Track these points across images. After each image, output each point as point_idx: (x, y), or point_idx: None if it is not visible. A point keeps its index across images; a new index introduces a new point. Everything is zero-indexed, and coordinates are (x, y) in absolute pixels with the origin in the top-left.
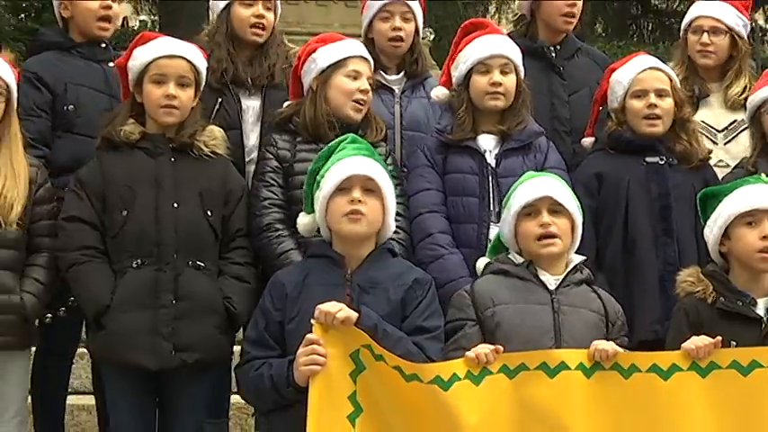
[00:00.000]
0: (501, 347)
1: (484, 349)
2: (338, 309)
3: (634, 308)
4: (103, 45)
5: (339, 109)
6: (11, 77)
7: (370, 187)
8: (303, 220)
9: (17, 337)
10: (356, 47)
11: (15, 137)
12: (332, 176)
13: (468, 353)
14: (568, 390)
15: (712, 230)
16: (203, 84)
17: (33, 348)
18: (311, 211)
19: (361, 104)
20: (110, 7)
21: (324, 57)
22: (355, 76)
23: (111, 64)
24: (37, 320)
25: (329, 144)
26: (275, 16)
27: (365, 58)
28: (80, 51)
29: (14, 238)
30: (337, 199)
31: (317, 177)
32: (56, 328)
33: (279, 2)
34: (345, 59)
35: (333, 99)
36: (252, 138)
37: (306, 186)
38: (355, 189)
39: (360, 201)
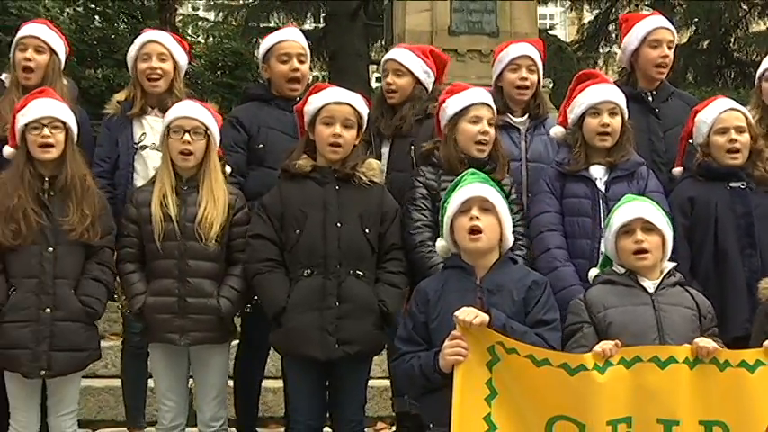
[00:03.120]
0: (620, 342)
1: (608, 344)
2: (473, 315)
3: (727, 309)
4: (297, 99)
5: (466, 149)
6: (210, 120)
7: (487, 207)
8: (439, 244)
9: (216, 332)
10: (477, 95)
11: (215, 169)
12: (454, 200)
13: (595, 348)
14: (676, 378)
15: None
16: (365, 126)
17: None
18: (443, 236)
19: (482, 144)
20: (298, 70)
21: (451, 106)
22: (476, 120)
23: None
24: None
25: (455, 179)
26: (416, 80)
27: (486, 104)
28: (276, 103)
29: (214, 252)
30: (460, 218)
31: (445, 205)
32: (253, 325)
33: (416, 68)
34: (468, 107)
35: (460, 141)
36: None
37: (440, 216)
38: (474, 208)
39: (477, 218)
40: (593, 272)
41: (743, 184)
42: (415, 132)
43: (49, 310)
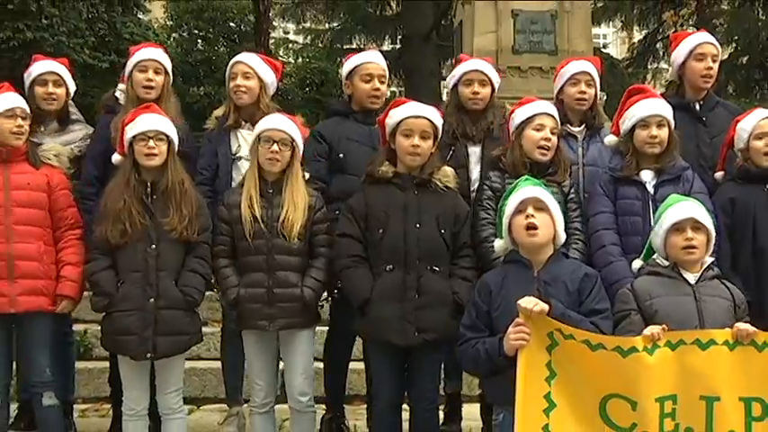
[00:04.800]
0: (666, 327)
1: (656, 329)
2: (534, 303)
3: (765, 300)
4: (374, 113)
5: (529, 153)
6: (296, 132)
7: (540, 206)
8: (497, 244)
9: (301, 319)
10: (542, 106)
11: (297, 177)
12: (512, 201)
13: (645, 331)
14: (716, 358)
15: None
16: (440, 135)
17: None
18: (502, 236)
19: (545, 149)
20: (378, 89)
21: (519, 115)
22: (539, 128)
23: (376, 126)
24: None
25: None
26: (492, 90)
27: (550, 114)
28: (355, 117)
29: (298, 248)
30: (517, 217)
31: (503, 208)
32: (341, 314)
33: (495, 79)
34: (533, 116)
35: (525, 146)
36: (474, 174)
37: (497, 219)
38: (529, 207)
39: (533, 216)
40: (637, 263)
41: None
42: (504, 135)
43: (152, 299)
